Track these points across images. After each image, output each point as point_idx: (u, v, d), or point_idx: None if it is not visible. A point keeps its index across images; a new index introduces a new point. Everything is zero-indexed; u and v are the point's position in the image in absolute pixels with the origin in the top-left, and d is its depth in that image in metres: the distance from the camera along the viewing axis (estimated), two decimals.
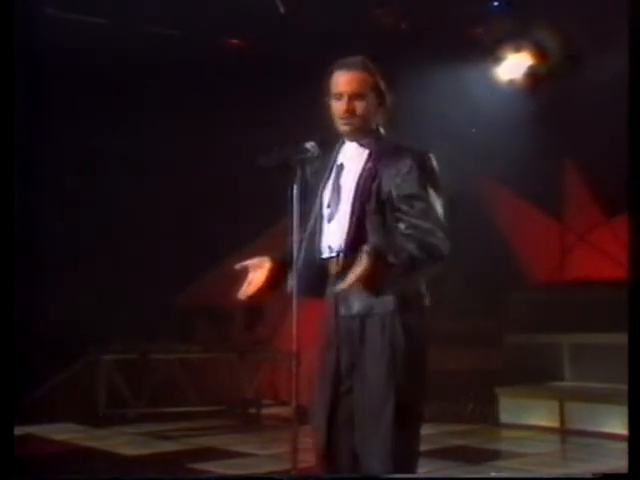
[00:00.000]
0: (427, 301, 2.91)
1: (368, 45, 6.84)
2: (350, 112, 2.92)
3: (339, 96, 2.93)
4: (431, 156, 2.92)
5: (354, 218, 2.89)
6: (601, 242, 8.10)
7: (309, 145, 2.95)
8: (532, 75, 7.67)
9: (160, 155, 8.04)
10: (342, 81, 2.93)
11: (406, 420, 2.78)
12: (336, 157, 3.05)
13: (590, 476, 4.37)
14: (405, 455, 2.81)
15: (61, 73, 7.12)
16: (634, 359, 2.84)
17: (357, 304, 2.85)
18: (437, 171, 2.92)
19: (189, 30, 7.36)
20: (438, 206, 2.86)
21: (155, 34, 7.32)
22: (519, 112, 7.56)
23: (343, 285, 2.69)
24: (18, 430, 3.43)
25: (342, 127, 2.96)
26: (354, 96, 2.92)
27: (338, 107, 2.93)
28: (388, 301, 2.80)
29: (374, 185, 2.89)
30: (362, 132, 2.96)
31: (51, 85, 7.27)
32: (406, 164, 2.86)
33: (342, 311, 2.89)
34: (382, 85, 2.98)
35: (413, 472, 2.86)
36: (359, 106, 2.92)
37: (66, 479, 4.76)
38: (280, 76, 7.34)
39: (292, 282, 2.93)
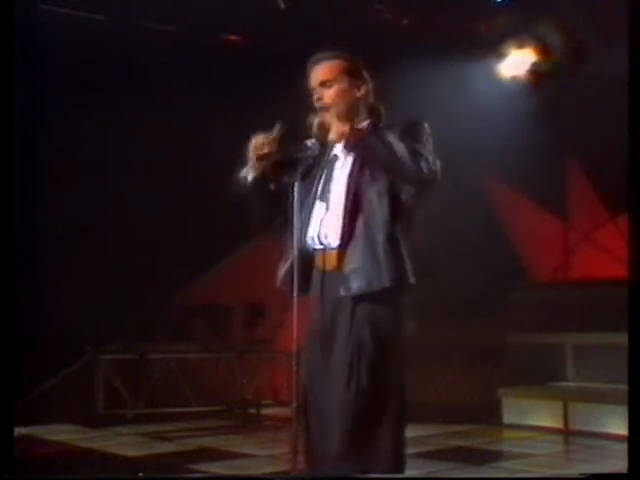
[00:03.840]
0: (406, 302, 2.88)
1: (369, 41, 6.82)
2: (320, 100, 2.94)
3: (312, 90, 2.98)
4: (422, 121, 2.91)
5: (349, 204, 2.88)
6: (606, 241, 8.05)
7: (310, 142, 2.93)
8: (535, 72, 7.63)
9: (159, 153, 8.00)
10: (313, 75, 2.99)
11: (376, 417, 2.75)
12: (331, 150, 3.03)
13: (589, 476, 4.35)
14: (378, 454, 2.76)
15: (60, 69, 7.08)
16: (634, 359, 2.83)
17: (354, 284, 2.83)
18: (428, 133, 2.89)
19: (188, 26, 7.32)
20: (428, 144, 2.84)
21: (154, 30, 7.28)
22: (522, 109, 7.51)
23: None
24: (16, 431, 3.39)
25: (322, 118, 2.96)
26: (322, 84, 2.95)
27: (313, 100, 2.97)
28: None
29: (367, 166, 2.88)
30: (342, 119, 2.92)
31: (49, 82, 7.24)
32: (400, 130, 2.85)
33: (342, 292, 2.86)
34: (359, 70, 3.00)
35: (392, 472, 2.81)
36: (328, 93, 2.95)
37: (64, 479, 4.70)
38: (280, 73, 7.30)
39: (282, 274, 2.96)
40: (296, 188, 2.87)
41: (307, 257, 2.95)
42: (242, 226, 8.01)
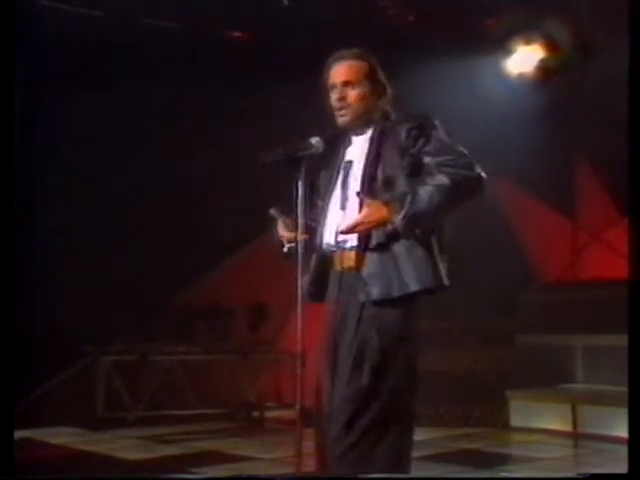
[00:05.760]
0: (415, 302, 2.86)
1: (374, 37, 6.74)
2: (342, 100, 2.93)
3: (333, 87, 2.96)
4: (427, 115, 2.92)
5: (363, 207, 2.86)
6: (615, 241, 7.96)
7: (314, 141, 2.90)
8: (543, 68, 7.58)
9: (160, 152, 7.95)
10: (335, 72, 2.96)
11: (374, 424, 2.73)
12: (344, 153, 3.02)
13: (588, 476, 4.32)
14: (376, 456, 2.74)
15: (60, 65, 7.03)
16: (634, 360, 2.87)
17: (374, 290, 2.82)
18: (437, 124, 2.89)
19: (189, 22, 7.28)
20: (450, 141, 2.86)
21: (154, 27, 7.25)
22: (530, 107, 7.46)
23: (341, 229, 2.79)
24: (15, 434, 3.34)
25: (338, 119, 2.97)
26: (345, 84, 2.94)
27: (333, 98, 2.96)
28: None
29: (380, 165, 2.88)
30: (360, 122, 2.96)
31: (49, 78, 7.20)
32: (404, 130, 2.86)
33: (362, 297, 2.85)
34: (379, 74, 2.99)
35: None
36: (351, 94, 2.93)
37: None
38: (284, 69, 7.26)
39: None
40: (300, 186, 2.84)
41: (324, 260, 2.97)
42: (244, 226, 7.99)
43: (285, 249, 3.05)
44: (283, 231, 3.02)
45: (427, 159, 2.82)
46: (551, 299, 8.03)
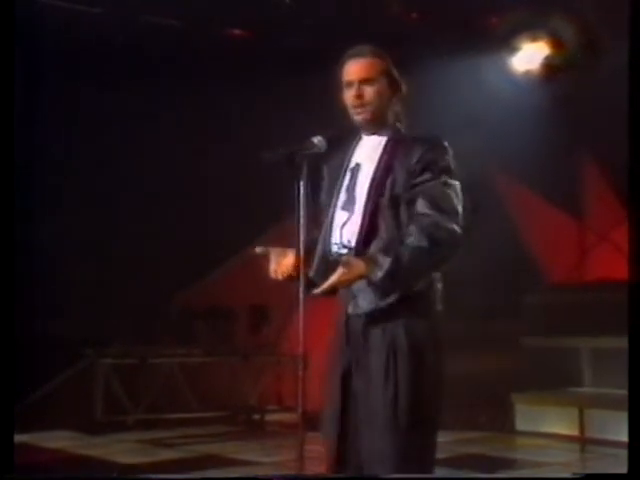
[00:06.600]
0: (438, 305, 2.85)
1: (377, 35, 6.67)
2: (360, 98, 2.90)
3: (349, 84, 2.92)
4: (442, 143, 2.88)
5: (367, 215, 2.85)
6: (622, 241, 7.89)
7: (316, 140, 2.87)
8: (549, 66, 7.51)
9: (160, 152, 7.92)
10: (352, 69, 2.93)
11: (411, 427, 2.72)
12: (352, 155, 3.01)
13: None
14: (409, 463, 2.73)
15: (60, 62, 7.02)
16: (634, 362, 2.83)
17: (363, 303, 2.81)
18: (449, 157, 2.86)
19: (189, 20, 7.25)
20: (449, 192, 2.82)
21: (155, 24, 7.21)
22: (535, 105, 7.41)
23: (317, 290, 2.74)
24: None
25: (355, 117, 2.94)
26: (363, 82, 2.91)
27: (349, 95, 2.92)
28: (393, 301, 2.77)
29: (389, 180, 2.85)
30: (376, 122, 2.93)
31: (49, 75, 7.17)
32: (417, 154, 2.83)
33: (349, 310, 2.85)
34: (394, 72, 2.95)
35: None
36: (368, 91, 2.90)
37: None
38: (286, 68, 7.21)
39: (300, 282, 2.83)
40: (302, 186, 2.79)
41: (328, 260, 2.92)
42: (244, 226, 7.95)
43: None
44: (275, 267, 2.96)
45: (419, 203, 2.78)
46: (557, 300, 7.96)
